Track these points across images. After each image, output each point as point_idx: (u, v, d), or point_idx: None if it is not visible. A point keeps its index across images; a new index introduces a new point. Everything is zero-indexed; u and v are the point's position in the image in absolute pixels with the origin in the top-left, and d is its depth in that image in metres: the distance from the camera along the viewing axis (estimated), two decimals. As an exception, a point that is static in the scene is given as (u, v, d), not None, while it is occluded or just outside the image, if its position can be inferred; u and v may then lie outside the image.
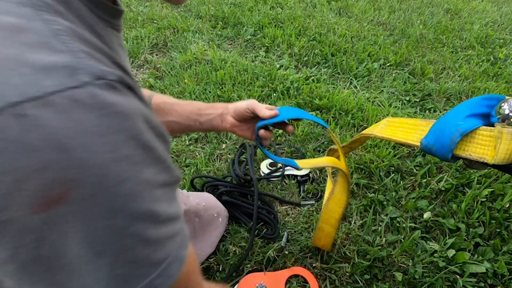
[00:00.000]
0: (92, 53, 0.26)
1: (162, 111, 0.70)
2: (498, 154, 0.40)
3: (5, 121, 0.21)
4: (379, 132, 0.61)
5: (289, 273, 0.89)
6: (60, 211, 0.23)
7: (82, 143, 0.23)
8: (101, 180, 0.24)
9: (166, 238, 0.29)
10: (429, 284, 0.87)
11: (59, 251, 0.24)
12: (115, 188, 0.24)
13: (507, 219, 1.00)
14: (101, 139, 0.23)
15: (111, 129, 0.24)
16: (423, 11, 2.50)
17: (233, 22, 2.20)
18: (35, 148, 0.21)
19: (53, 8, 0.26)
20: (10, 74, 0.22)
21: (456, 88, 1.63)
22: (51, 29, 0.25)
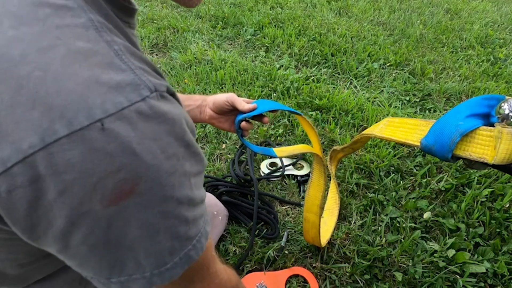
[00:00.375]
0: (143, 67, 0.31)
1: None
2: (498, 154, 0.40)
3: (93, 134, 0.26)
4: (379, 132, 0.61)
5: (289, 273, 0.89)
6: (127, 203, 0.28)
7: (145, 147, 0.28)
8: (157, 175, 0.29)
9: (198, 217, 0.35)
10: (429, 284, 0.87)
11: (122, 235, 0.29)
12: (166, 180, 0.29)
13: (507, 219, 1.00)
14: (157, 143, 0.29)
15: (164, 133, 0.29)
16: (423, 11, 2.50)
17: (233, 22, 2.20)
18: (114, 154, 0.26)
19: (106, 26, 0.31)
20: (93, 94, 0.26)
21: (456, 88, 1.63)
22: (113, 49, 0.30)
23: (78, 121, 0.25)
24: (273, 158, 1.22)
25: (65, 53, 0.27)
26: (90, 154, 0.26)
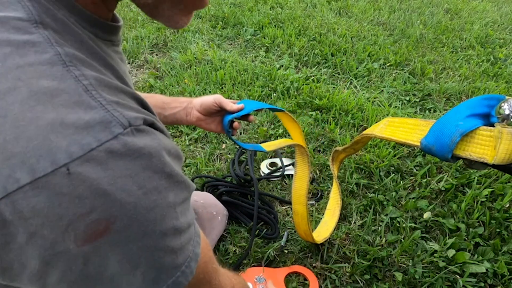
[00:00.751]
0: (118, 101, 0.30)
1: None
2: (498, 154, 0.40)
3: (59, 180, 0.25)
4: (379, 132, 0.61)
5: (288, 270, 0.89)
6: (102, 241, 0.27)
7: (119, 186, 0.27)
8: (135, 212, 0.28)
9: (186, 242, 0.34)
10: (429, 284, 0.87)
11: (101, 270, 0.28)
12: (146, 216, 0.29)
13: (507, 219, 1.00)
14: (133, 179, 0.28)
15: (140, 169, 0.28)
16: (423, 11, 2.50)
17: (233, 22, 2.20)
18: (83, 197, 0.26)
19: (77, 58, 0.30)
20: (57, 137, 0.25)
21: (456, 88, 1.63)
22: (82, 85, 0.28)
23: (41, 168, 0.25)
24: (273, 158, 1.22)
25: (26, 95, 0.26)
26: (57, 199, 0.25)
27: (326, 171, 1.18)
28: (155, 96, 0.76)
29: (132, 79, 1.69)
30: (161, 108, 0.75)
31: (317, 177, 1.17)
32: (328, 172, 1.18)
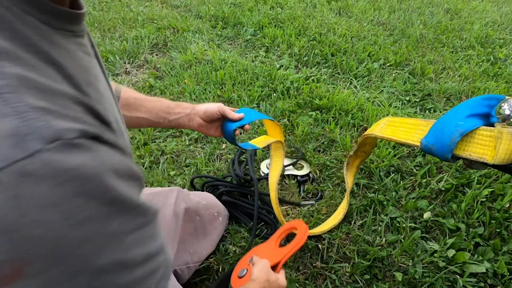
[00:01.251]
0: (44, 106, 0.23)
1: (132, 106, 0.73)
2: (498, 154, 0.40)
3: None
4: (379, 132, 0.61)
5: (281, 234, 0.84)
6: (17, 286, 0.22)
7: (33, 219, 0.21)
8: (57, 250, 0.23)
9: (145, 276, 0.29)
10: (429, 284, 0.87)
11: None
12: (74, 252, 0.24)
13: (507, 219, 1.00)
14: (55, 209, 0.22)
15: (69, 195, 0.23)
16: (423, 11, 2.50)
17: (233, 22, 2.20)
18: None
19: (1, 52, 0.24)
20: None
21: (456, 88, 1.63)
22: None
23: None
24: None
25: None
26: None
27: (326, 171, 1.18)
28: (160, 100, 0.78)
29: (132, 79, 1.69)
30: (166, 113, 0.77)
31: (317, 177, 1.17)
32: (328, 172, 1.18)
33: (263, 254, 0.76)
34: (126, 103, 0.72)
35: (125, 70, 1.77)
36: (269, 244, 0.81)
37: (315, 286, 0.88)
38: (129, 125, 0.73)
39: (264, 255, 0.76)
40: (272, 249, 0.79)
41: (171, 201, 0.80)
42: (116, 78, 1.70)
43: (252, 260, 0.74)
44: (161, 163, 1.20)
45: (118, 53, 1.86)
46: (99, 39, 2.02)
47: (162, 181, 1.13)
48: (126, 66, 1.79)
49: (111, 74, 1.73)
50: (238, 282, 0.69)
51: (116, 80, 1.67)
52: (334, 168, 1.19)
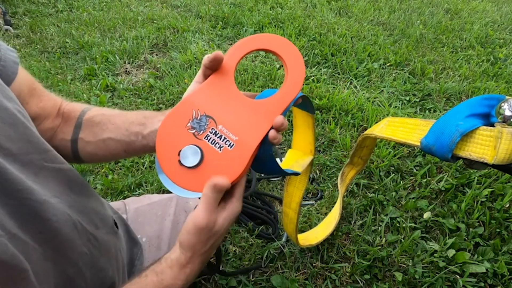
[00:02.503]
0: None
1: (97, 126, 0.54)
2: (498, 154, 0.40)
3: None
4: (379, 132, 0.61)
5: (243, 53, 0.45)
6: None
7: None
8: None
9: None
10: (429, 284, 0.87)
11: None
12: None
13: (507, 219, 1.00)
14: None
15: None
16: (423, 11, 2.50)
17: (233, 22, 2.20)
18: None
19: None
20: None
21: (456, 88, 1.63)
22: None
23: None
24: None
25: None
26: None
27: (326, 171, 1.18)
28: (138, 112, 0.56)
29: (132, 79, 1.69)
30: (140, 124, 0.52)
31: (317, 177, 1.17)
32: (328, 172, 1.18)
33: (219, 107, 0.42)
34: (90, 124, 0.54)
35: (125, 70, 1.77)
36: (220, 80, 0.44)
37: (315, 286, 0.88)
38: (98, 156, 0.54)
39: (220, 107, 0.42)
40: (233, 97, 0.43)
41: (171, 211, 0.78)
42: (116, 78, 1.71)
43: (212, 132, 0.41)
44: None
45: (118, 53, 1.86)
46: (99, 39, 2.02)
47: (162, 181, 1.13)
48: (126, 66, 1.79)
49: (111, 74, 1.73)
50: (181, 175, 0.41)
51: (116, 80, 1.67)
52: (334, 168, 1.19)
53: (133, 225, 0.71)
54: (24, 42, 2.07)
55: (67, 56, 1.91)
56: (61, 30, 2.14)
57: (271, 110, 0.42)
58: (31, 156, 0.40)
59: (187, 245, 0.40)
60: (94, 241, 0.48)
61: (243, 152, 0.41)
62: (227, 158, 0.41)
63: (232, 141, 0.41)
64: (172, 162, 0.40)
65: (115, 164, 1.22)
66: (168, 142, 0.41)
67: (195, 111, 0.42)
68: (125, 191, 1.11)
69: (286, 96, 0.43)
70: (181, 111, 0.42)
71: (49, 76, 1.71)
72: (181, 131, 0.41)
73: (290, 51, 0.46)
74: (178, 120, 0.41)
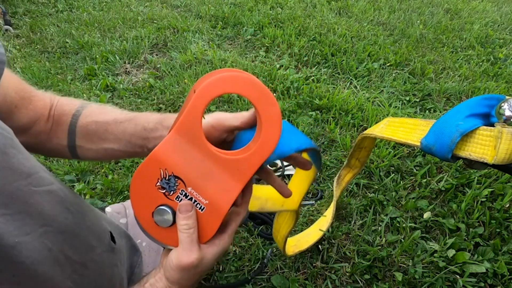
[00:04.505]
0: None
1: (94, 135, 0.52)
2: (498, 154, 0.40)
3: None
4: (379, 132, 0.61)
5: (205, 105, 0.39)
6: None
7: None
8: None
9: None
10: (429, 284, 0.87)
11: None
12: None
13: (507, 219, 1.00)
14: None
15: None
16: (423, 11, 2.50)
17: (233, 22, 2.20)
18: None
19: None
20: None
21: (456, 88, 1.63)
22: None
23: None
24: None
25: None
26: None
27: (326, 171, 1.18)
28: (134, 118, 0.53)
29: (132, 79, 1.69)
30: (142, 138, 0.51)
31: (317, 177, 1.17)
32: (328, 172, 1.18)
33: (186, 165, 0.39)
34: (86, 132, 0.52)
35: (125, 70, 1.77)
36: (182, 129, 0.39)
37: (315, 286, 0.88)
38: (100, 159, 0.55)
39: (188, 166, 0.39)
40: (201, 151, 0.39)
41: None
42: (116, 78, 1.71)
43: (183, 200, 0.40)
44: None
45: (118, 53, 1.86)
46: (99, 39, 2.02)
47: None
48: (126, 66, 1.79)
49: (111, 74, 1.73)
50: (158, 231, 0.41)
51: (116, 80, 1.68)
52: (334, 168, 1.19)
53: (133, 230, 0.71)
54: (24, 42, 2.07)
55: (67, 56, 1.91)
56: (61, 30, 2.14)
57: (244, 169, 0.39)
58: (18, 183, 0.36)
59: (174, 281, 0.40)
60: (81, 270, 0.44)
61: (214, 216, 0.40)
62: (198, 221, 0.40)
63: (202, 205, 0.40)
64: (147, 219, 0.41)
65: (115, 164, 1.22)
66: (141, 201, 0.40)
67: (162, 171, 0.39)
68: (125, 191, 1.11)
69: (259, 154, 0.39)
70: (149, 170, 0.39)
71: (49, 76, 1.71)
72: (152, 190, 0.40)
73: (263, 97, 0.39)
74: (147, 179, 0.39)
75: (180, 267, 0.38)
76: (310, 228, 0.97)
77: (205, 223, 0.40)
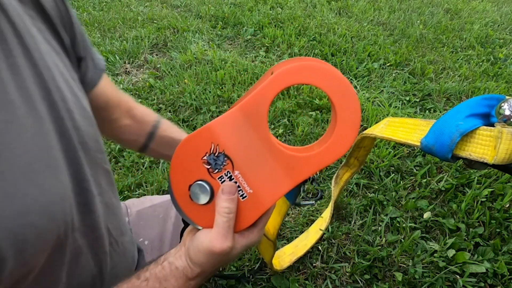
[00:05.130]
0: None
1: (166, 145, 0.64)
2: (498, 154, 0.40)
3: None
4: (379, 132, 0.61)
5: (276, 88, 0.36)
6: None
7: None
8: None
9: None
10: (429, 284, 0.87)
11: None
12: None
13: (507, 219, 1.00)
14: None
15: None
16: (423, 11, 2.50)
17: (233, 22, 2.20)
18: None
19: None
20: None
21: (456, 88, 1.63)
22: None
23: None
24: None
25: None
26: None
27: (326, 171, 1.18)
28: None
29: (132, 79, 1.69)
30: None
31: (317, 177, 1.17)
32: (328, 172, 1.18)
33: (243, 153, 0.36)
34: (161, 141, 0.64)
35: (125, 70, 1.77)
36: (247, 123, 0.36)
37: (315, 286, 0.88)
38: (158, 158, 0.73)
39: (244, 153, 0.36)
40: (263, 144, 0.36)
41: (172, 214, 0.76)
42: (116, 78, 1.71)
43: (225, 176, 0.37)
44: (161, 163, 1.20)
45: (118, 53, 1.86)
46: (99, 39, 2.02)
47: (162, 181, 1.13)
48: (126, 66, 1.79)
49: (111, 74, 1.73)
50: (190, 207, 0.38)
51: (116, 80, 1.68)
52: (334, 168, 1.19)
53: (134, 229, 0.71)
54: (24, 42, 2.06)
55: (67, 56, 1.91)
56: (61, 30, 2.14)
57: (300, 168, 0.36)
58: (97, 155, 0.43)
59: (197, 262, 0.38)
60: (115, 246, 0.49)
61: (255, 207, 0.37)
62: (237, 208, 0.37)
63: (245, 192, 0.37)
64: (183, 191, 0.38)
65: (115, 164, 1.22)
66: (182, 170, 0.37)
67: (213, 145, 0.36)
68: (125, 191, 1.11)
69: (326, 154, 0.35)
70: (200, 140, 0.37)
71: (49, 76, 1.71)
72: (196, 162, 0.37)
73: (344, 93, 0.35)
74: (195, 149, 0.37)
75: (211, 252, 0.36)
76: (308, 231, 0.97)
77: (243, 213, 0.37)
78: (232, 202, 0.37)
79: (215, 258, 0.37)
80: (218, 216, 0.37)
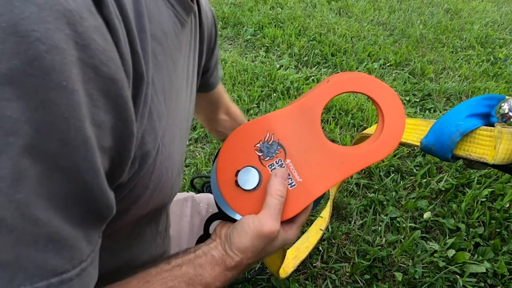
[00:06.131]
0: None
1: None
2: (498, 154, 0.40)
3: None
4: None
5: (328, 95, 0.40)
6: None
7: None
8: None
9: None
10: (429, 284, 0.87)
11: None
12: None
13: (507, 219, 1.00)
14: None
15: None
16: (423, 11, 2.50)
17: (233, 22, 2.20)
18: None
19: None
20: None
21: (456, 88, 1.63)
22: None
23: None
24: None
25: None
26: None
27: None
28: None
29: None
30: None
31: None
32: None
33: (299, 147, 0.39)
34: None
35: (125, 70, 1.77)
36: (304, 121, 0.39)
37: (315, 286, 0.88)
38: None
39: (300, 149, 0.39)
40: (316, 140, 0.39)
41: (187, 212, 0.76)
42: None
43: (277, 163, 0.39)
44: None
45: (118, 53, 1.86)
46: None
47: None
48: (126, 66, 1.79)
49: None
50: (233, 194, 0.38)
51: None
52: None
53: None
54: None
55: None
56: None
57: (349, 163, 0.38)
58: (186, 134, 0.46)
59: (240, 247, 0.36)
60: (165, 233, 0.52)
61: (302, 197, 0.38)
62: None
63: (294, 181, 0.38)
64: (228, 176, 0.38)
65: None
66: (232, 155, 0.39)
67: (269, 134, 0.39)
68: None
69: (373, 152, 0.39)
70: (256, 128, 0.39)
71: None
72: (248, 149, 0.38)
73: (391, 101, 0.40)
74: (249, 136, 0.39)
75: (259, 233, 0.35)
76: (308, 231, 0.97)
77: (290, 201, 0.38)
78: (284, 187, 0.37)
79: (261, 242, 0.36)
80: (270, 198, 0.37)
